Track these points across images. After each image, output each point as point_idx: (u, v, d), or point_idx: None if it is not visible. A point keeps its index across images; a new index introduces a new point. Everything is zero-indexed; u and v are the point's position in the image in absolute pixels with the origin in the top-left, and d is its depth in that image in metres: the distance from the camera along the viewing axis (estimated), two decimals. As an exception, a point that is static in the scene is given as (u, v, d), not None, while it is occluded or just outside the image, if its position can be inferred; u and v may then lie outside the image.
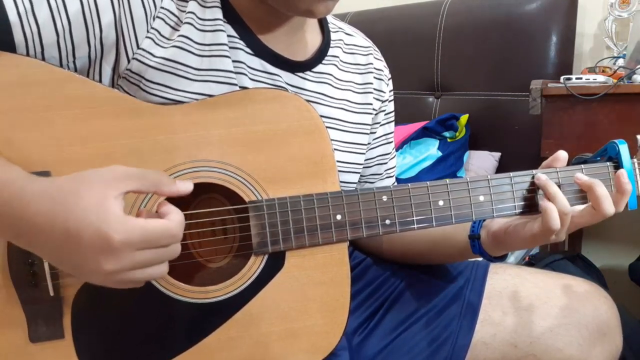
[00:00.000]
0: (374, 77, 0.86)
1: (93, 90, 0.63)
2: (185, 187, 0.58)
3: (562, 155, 0.72)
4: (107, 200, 0.51)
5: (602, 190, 0.68)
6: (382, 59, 0.90)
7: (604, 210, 0.68)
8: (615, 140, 0.74)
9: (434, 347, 0.78)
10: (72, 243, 0.51)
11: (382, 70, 0.88)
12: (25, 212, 0.52)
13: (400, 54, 1.82)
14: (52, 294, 0.61)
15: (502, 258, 0.78)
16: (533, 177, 0.71)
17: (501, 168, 1.65)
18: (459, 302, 0.80)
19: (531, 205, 0.71)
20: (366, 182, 0.90)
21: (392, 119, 0.91)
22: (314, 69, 0.78)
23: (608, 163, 0.74)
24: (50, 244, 0.52)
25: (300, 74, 0.77)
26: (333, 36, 0.83)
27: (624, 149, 0.73)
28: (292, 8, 0.68)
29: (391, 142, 0.91)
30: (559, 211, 0.67)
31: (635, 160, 0.73)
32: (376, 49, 0.89)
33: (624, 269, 1.48)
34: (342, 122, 0.81)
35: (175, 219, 0.55)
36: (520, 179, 0.71)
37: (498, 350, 0.77)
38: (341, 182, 0.78)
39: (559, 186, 0.70)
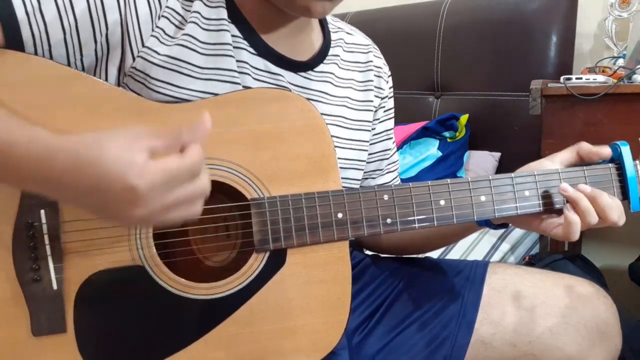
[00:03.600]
0: (374, 75, 0.87)
1: (98, 89, 0.64)
2: (204, 122, 0.56)
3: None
4: (130, 152, 0.52)
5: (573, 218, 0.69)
6: (382, 56, 0.90)
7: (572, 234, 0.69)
8: (617, 142, 0.73)
9: (433, 347, 0.78)
10: (102, 196, 0.53)
11: (381, 68, 0.89)
12: (53, 170, 0.53)
13: (400, 54, 1.82)
14: (55, 288, 0.61)
15: (504, 226, 0.79)
16: (535, 178, 0.72)
17: (501, 168, 1.65)
18: (458, 301, 0.80)
19: (533, 206, 0.72)
20: (368, 177, 0.91)
21: (392, 115, 0.92)
22: (316, 69, 0.79)
23: (610, 165, 0.74)
24: (82, 198, 0.54)
25: (303, 74, 0.77)
26: (333, 36, 0.83)
27: (626, 151, 0.73)
28: (290, 4, 0.69)
29: (391, 137, 0.92)
30: (587, 223, 0.69)
31: (637, 162, 0.73)
32: (375, 47, 0.90)
33: (624, 269, 1.48)
34: (344, 119, 0.81)
35: (192, 153, 0.54)
36: (522, 180, 0.72)
37: (497, 350, 0.77)
38: (345, 178, 0.78)
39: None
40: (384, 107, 0.89)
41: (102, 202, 0.54)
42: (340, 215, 0.67)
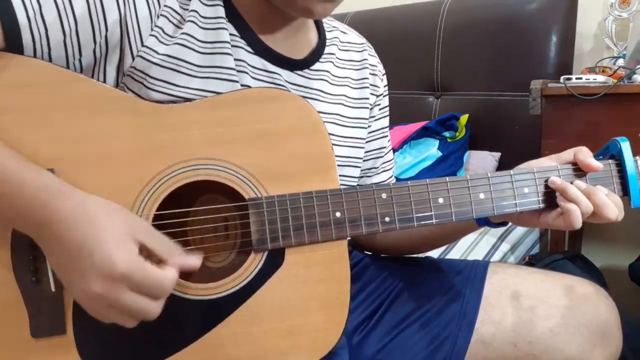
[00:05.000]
0: (369, 73, 0.87)
1: (97, 91, 0.64)
2: (193, 262, 0.61)
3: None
4: (126, 240, 0.56)
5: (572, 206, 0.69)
6: (376, 55, 0.91)
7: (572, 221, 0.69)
8: (617, 138, 0.73)
9: (433, 347, 0.78)
10: (81, 257, 0.55)
11: (376, 66, 0.89)
12: (52, 218, 0.56)
13: (400, 54, 1.82)
14: (53, 289, 0.61)
15: (504, 223, 0.80)
16: (534, 175, 0.72)
17: (501, 168, 1.65)
18: (459, 301, 0.80)
19: (533, 202, 0.72)
20: (364, 176, 0.91)
21: (387, 113, 0.92)
22: (312, 67, 0.80)
23: (610, 161, 0.74)
24: (61, 248, 0.56)
25: (299, 72, 0.78)
26: (328, 35, 0.84)
27: (626, 147, 0.73)
28: (290, 5, 0.69)
29: (386, 135, 0.93)
30: (583, 212, 0.68)
31: (638, 158, 0.73)
32: (370, 45, 0.91)
33: (624, 269, 1.48)
34: (341, 117, 0.82)
35: (170, 276, 0.58)
36: (521, 177, 0.72)
37: (498, 350, 0.77)
38: (343, 176, 0.78)
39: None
40: (379, 105, 0.89)
41: (75, 261, 0.55)
42: (338, 214, 0.67)
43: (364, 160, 0.88)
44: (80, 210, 0.56)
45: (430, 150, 1.66)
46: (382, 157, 0.92)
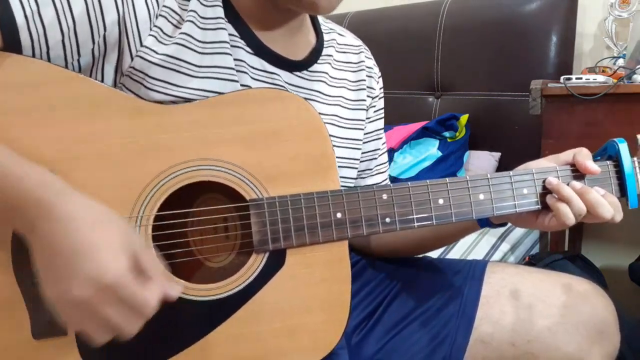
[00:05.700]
0: (366, 75, 0.88)
1: (96, 90, 0.64)
2: (174, 293, 0.58)
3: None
4: (121, 252, 0.54)
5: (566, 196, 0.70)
6: (372, 57, 0.92)
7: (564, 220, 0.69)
8: (615, 139, 0.74)
9: (432, 346, 0.78)
10: (73, 260, 0.53)
11: (372, 68, 0.90)
12: (49, 215, 0.54)
13: (400, 54, 1.82)
14: (54, 290, 0.61)
15: (504, 224, 0.80)
16: (533, 176, 0.72)
17: (501, 168, 1.65)
18: (457, 300, 0.80)
19: (531, 203, 0.72)
20: (358, 177, 0.91)
21: (382, 115, 0.93)
22: (310, 68, 0.80)
23: (608, 162, 0.74)
24: (54, 249, 0.54)
25: (298, 73, 0.78)
26: (326, 37, 0.84)
27: (623, 148, 0.73)
28: (295, 1, 0.69)
29: (381, 138, 0.93)
30: (575, 214, 0.69)
31: (635, 159, 0.73)
32: (366, 47, 0.91)
33: (624, 269, 1.48)
34: (339, 118, 0.82)
35: (154, 301, 0.55)
36: (520, 178, 0.72)
37: (496, 349, 0.77)
38: (341, 177, 0.78)
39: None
40: (374, 106, 0.90)
41: (64, 263, 0.53)
42: (339, 215, 0.67)
43: (360, 162, 0.88)
44: (81, 214, 0.55)
45: (430, 150, 1.66)
46: (376, 159, 0.92)
